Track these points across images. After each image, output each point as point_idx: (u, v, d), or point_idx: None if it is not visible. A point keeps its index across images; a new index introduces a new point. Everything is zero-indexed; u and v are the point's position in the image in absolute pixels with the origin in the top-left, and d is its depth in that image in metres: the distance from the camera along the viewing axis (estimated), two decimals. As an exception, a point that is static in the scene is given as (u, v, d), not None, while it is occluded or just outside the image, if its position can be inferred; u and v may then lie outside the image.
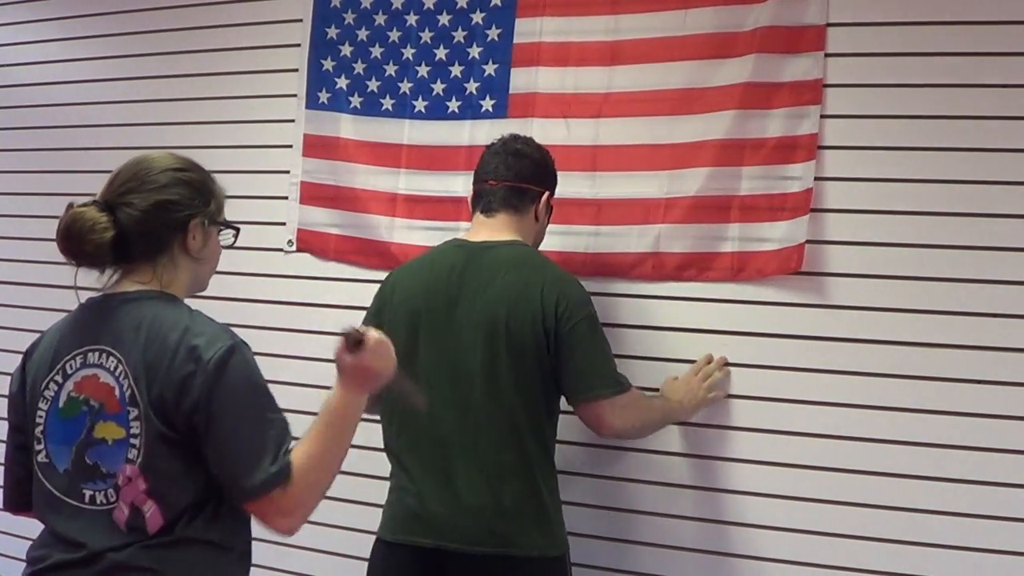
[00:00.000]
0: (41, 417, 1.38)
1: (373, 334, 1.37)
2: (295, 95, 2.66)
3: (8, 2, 3.17)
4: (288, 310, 2.64)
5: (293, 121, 2.66)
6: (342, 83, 2.60)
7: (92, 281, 1.49)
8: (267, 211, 2.68)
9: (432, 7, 2.51)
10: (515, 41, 2.42)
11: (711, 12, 2.23)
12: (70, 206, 1.40)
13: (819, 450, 2.12)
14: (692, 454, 2.23)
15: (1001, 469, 1.99)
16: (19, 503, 1.50)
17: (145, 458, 1.31)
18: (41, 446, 1.38)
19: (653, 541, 2.23)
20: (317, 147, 2.63)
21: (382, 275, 2.51)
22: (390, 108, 2.55)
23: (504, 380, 1.88)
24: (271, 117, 2.71)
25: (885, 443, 2.07)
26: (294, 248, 2.65)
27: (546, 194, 2.09)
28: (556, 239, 2.30)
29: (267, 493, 1.30)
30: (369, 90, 2.58)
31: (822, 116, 2.14)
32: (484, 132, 2.41)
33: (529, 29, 2.40)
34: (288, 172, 2.66)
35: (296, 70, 2.67)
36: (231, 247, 1.53)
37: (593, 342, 1.94)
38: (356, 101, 2.59)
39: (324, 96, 2.63)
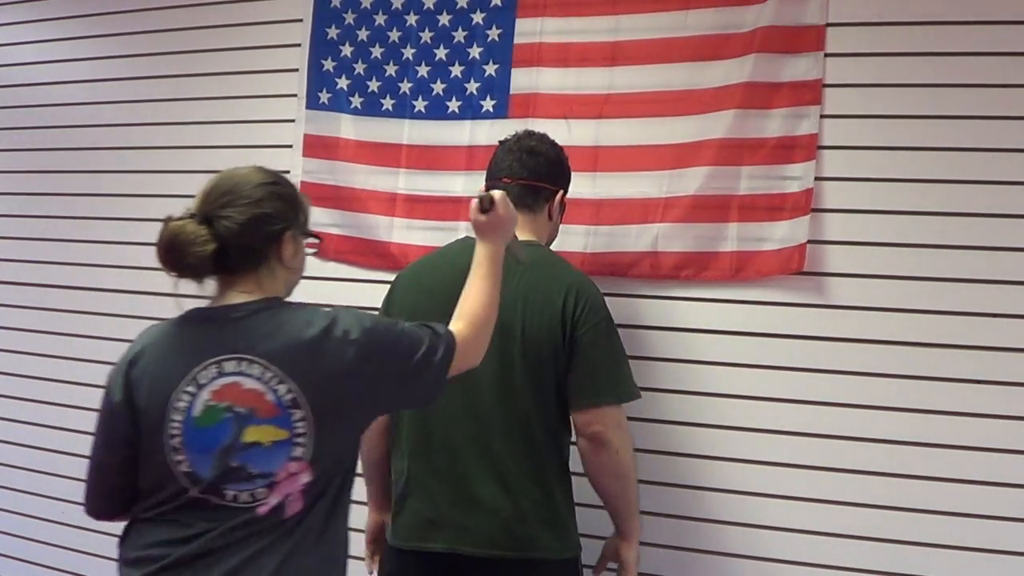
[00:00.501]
0: (176, 428, 1.42)
1: (496, 194, 1.67)
2: (295, 95, 2.67)
3: (8, 2, 3.17)
4: (288, 310, 2.64)
5: (293, 121, 2.67)
6: (342, 83, 2.60)
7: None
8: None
9: (432, 7, 2.51)
10: (516, 41, 2.42)
11: (711, 12, 2.23)
12: (168, 219, 1.44)
13: (819, 450, 2.12)
14: (692, 454, 2.23)
15: (1001, 469, 1.99)
16: (112, 511, 1.54)
17: (315, 452, 1.41)
18: (181, 456, 1.41)
19: (653, 541, 2.23)
20: (317, 147, 2.63)
21: (381, 275, 2.53)
22: (390, 108, 2.55)
23: (518, 385, 1.85)
24: (271, 117, 2.71)
25: (885, 443, 2.07)
26: (294, 248, 2.65)
27: (560, 192, 2.05)
28: (556, 239, 2.30)
29: (444, 357, 1.51)
30: (369, 90, 2.58)
31: (822, 116, 2.14)
32: (484, 132, 2.42)
33: (530, 29, 2.40)
34: (288, 172, 2.65)
35: (296, 70, 2.67)
36: (313, 255, 1.58)
37: (609, 346, 1.90)
38: (356, 101, 2.59)
39: (324, 96, 2.63)
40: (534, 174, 2.00)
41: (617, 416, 1.88)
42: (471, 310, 1.60)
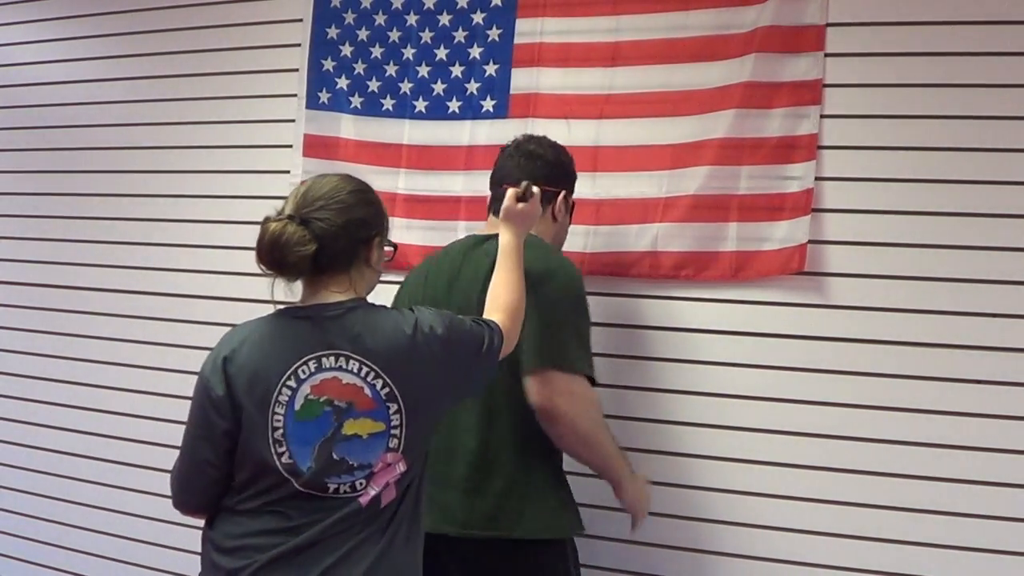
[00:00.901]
0: (279, 421, 1.48)
1: (535, 188, 1.84)
2: (295, 95, 2.67)
3: (8, 2, 3.18)
4: (288, 310, 2.64)
5: (293, 121, 2.67)
6: (342, 83, 2.61)
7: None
8: (267, 211, 2.66)
9: (432, 7, 2.51)
10: (516, 41, 2.42)
11: (711, 13, 2.24)
12: (267, 220, 1.51)
13: (819, 450, 2.12)
14: (692, 454, 2.23)
15: (1001, 469, 1.99)
16: (205, 505, 1.57)
17: (406, 443, 1.51)
18: (283, 448, 1.48)
19: (653, 541, 2.23)
20: (317, 147, 2.63)
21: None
22: (390, 108, 2.55)
23: None
24: (271, 117, 2.71)
25: (885, 443, 2.07)
26: (294, 248, 2.65)
27: (563, 193, 2.05)
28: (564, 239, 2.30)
29: (498, 347, 1.62)
30: (369, 90, 2.58)
31: (822, 116, 2.14)
32: (484, 132, 2.42)
33: (530, 29, 2.41)
34: (288, 172, 2.66)
35: (296, 70, 2.67)
36: (389, 260, 1.67)
37: (563, 320, 1.85)
38: (356, 101, 2.59)
39: (324, 96, 2.63)
40: (532, 177, 1.99)
41: (566, 383, 1.81)
42: (507, 301, 1.71)
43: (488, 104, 2.44)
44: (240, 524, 1.50)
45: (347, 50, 2.61)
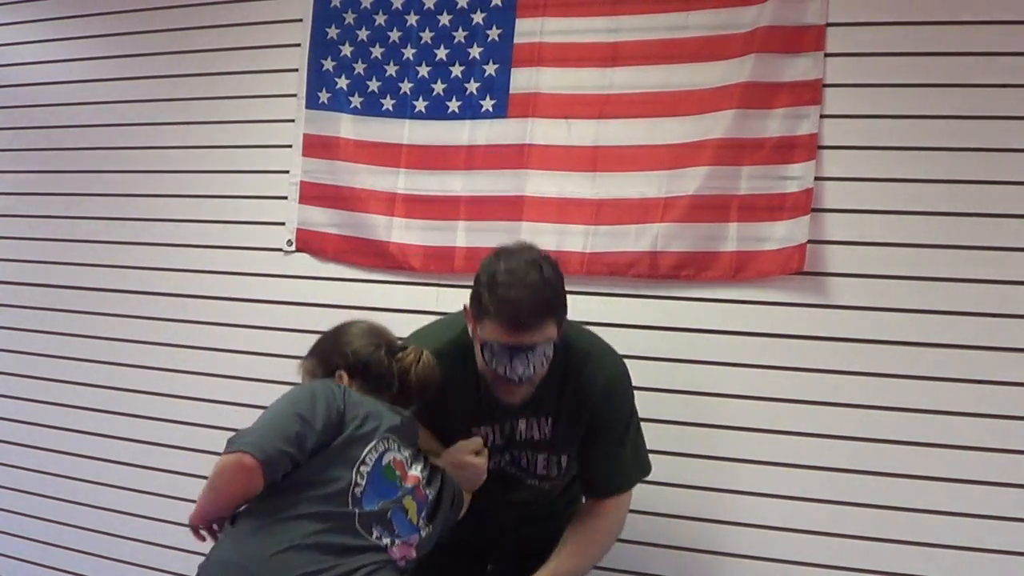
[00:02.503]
0: (371, 460, 1.60)
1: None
2: (295, 95, 2.67)
3: (8, 2, 3.17)
4: (287, 310, 2.64)
5: (293, 121, 2.67)
6: (342, 83, 2.60)
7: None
8: (267, 211, 2.68)
9: (432, 7, 2.51)
10: (515, 41, 2.42)
11: (711, 13, 2.24)
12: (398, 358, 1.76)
13: (819, 450, 2.12)
14: (692, 454, 2.23)
15: (1001, 469, 1.99)
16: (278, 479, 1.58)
17: (424, 541, 1.67)
18: (361, 484, 1.58)
19: (653, 541, 2.23)
20: (317, 147, 2.63)
21: (381, 275, 2.53)
22: (390, 108, 2.55)
23: None
24: (271, 117, 2.71)
25: (885, 443, 2.07)
26: (293, 248, 2.65)
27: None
28: (555, 239, 2.30)
29: None
30: (369, 90, 2.58)
31: (822, 116, 2.14)
32: (484, 132, 2.42)
33: (530, 29, 2.40)
34: (288, 172, 2.66)
35: (296, 70, 2.67)
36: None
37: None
38: (356, 101, 2.59)
39: (324, 96, 2.63)
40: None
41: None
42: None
43: (488, 104, 2.44)
44: (303, 526, 1.51)
45: (347, 50, 2.61)
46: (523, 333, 1.60)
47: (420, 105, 2.51)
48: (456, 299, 2.44)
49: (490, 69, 2.44)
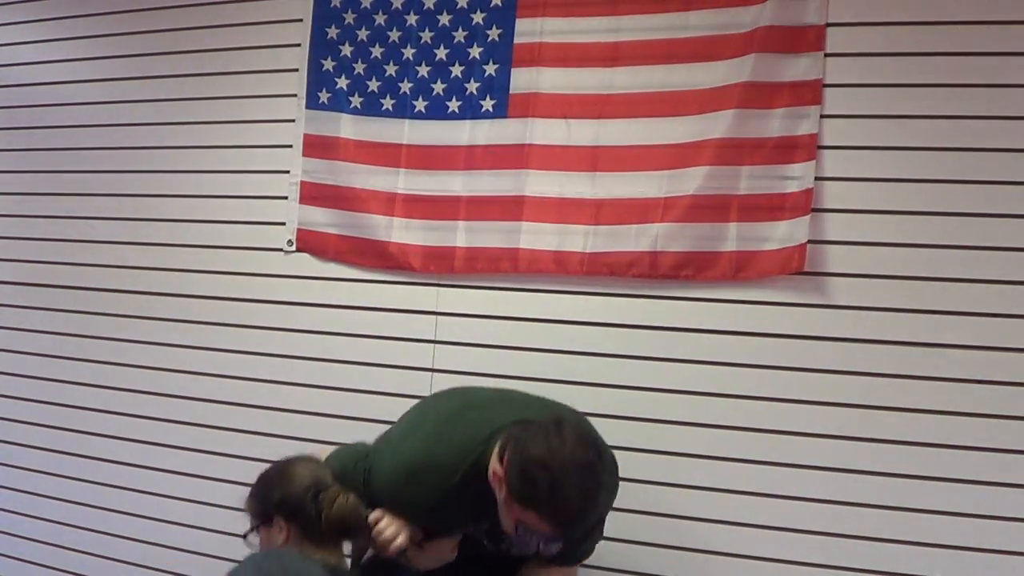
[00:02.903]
0: None
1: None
2: (295, 95, 2.67)
3: (8, 2, 3.17)
4: (287, 310, 2.64)
5: (293, 121, 2.67)
6: (342, 83, 2.60)
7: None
8: (267, 211, 2.68)
9: (432, 7, 2.51)
10: (515, 41, 2.42)
11: (711, 13, 2.23)
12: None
13: (819, 450, 2.12)
14: (692, 454, 2.23)
15: (1001, 469, 1.99)
16: None
17: None
18: None
19: (653, 541, 2.23)
20: (317, 147, 2.63)
21: (381, 275, 2.53)
22: (390, 108, 2.55)
23: None
24: (271, 117, 2.71)
25: (885, 443, 2.07)
26: (294, 248, 2.66)
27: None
28: (555, 239, 2.30)
29: None
30: (369, 90, 2.58)
31: (822, 116, 2.14)
32: (484, 132, 2.42)
33: (529, 29, 2.40)
34: (288, 172, 2.66)
35: (296, 70, 2.67)
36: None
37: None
38: (356, 101, 2.59)
39: (324, 96, 2.63)
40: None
41: None
42: None
43: (488, 104, 2.44)
44: None
45: (347, 50, 2.61)
46: (571, 529, 1.59)
47: (420, 105, 2.51)
48: (456, 299, 2.46)
49: (490, 69, 2.44)
